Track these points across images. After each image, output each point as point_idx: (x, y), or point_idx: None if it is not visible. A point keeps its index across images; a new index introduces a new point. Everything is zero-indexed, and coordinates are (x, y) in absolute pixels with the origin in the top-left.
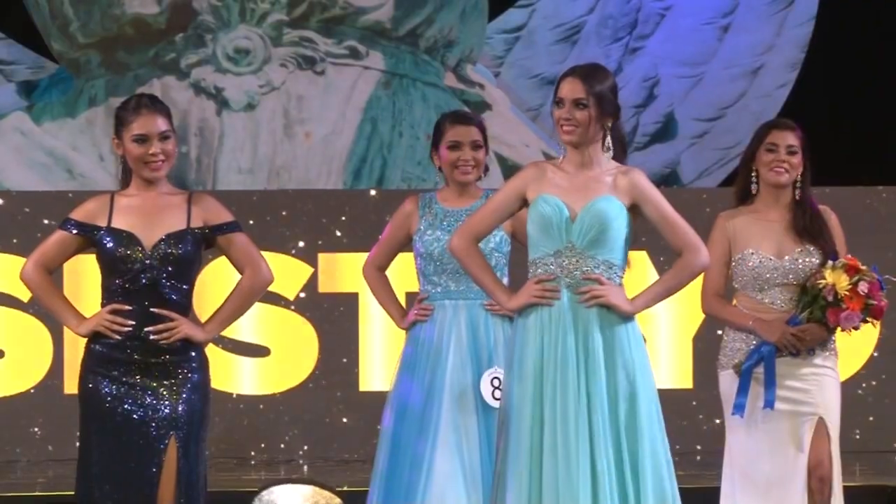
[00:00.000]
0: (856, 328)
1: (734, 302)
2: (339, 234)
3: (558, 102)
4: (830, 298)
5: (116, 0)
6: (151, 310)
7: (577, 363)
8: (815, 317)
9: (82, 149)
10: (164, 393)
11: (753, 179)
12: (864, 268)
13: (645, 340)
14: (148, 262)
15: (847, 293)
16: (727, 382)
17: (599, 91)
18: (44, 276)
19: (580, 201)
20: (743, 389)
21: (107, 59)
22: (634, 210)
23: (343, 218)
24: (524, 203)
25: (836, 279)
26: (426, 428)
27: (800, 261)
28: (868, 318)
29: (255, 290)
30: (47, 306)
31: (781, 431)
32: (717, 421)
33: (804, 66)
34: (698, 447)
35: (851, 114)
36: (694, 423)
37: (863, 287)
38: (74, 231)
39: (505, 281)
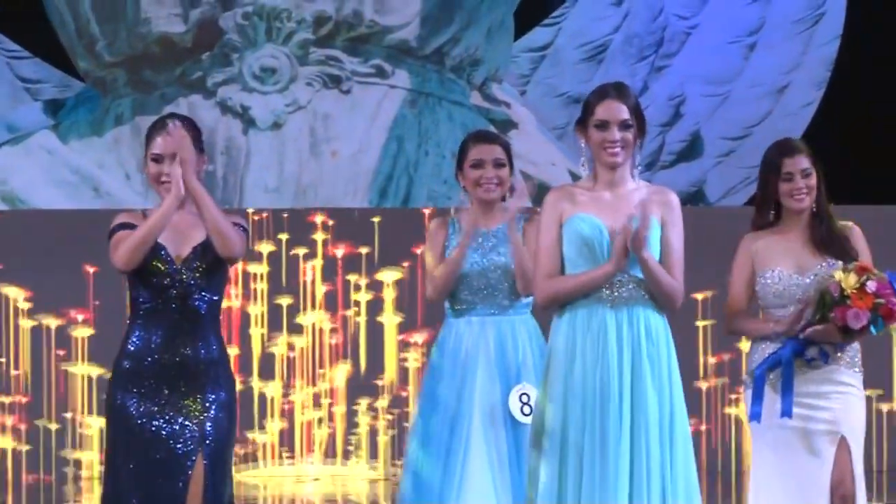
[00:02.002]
0: (865, 328)
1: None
2: None
3: (601, 126)
4: (836, 295)
5: (143, 19)
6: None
7: (619, 381)
8: (824, 316)
9: (108, 167)
10: (193, 410)
11: (773, 209)
12: (875, 271)
13: None
14: (178, 275)
15: (854, 291)
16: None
17: (638, 109)
18: None
19: (618, 220)
20: (757, 396)
21: (133, 77)
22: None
23: None
24: None
25: (843, 278)
26: (458, 429)
27: (821, 276)
28: (879, 319)
29: None
30: None
31: (804, 450)
32: None
33: (829, 84)
34: None
35: (878, 132)
36: None
37: (871, 286)
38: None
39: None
